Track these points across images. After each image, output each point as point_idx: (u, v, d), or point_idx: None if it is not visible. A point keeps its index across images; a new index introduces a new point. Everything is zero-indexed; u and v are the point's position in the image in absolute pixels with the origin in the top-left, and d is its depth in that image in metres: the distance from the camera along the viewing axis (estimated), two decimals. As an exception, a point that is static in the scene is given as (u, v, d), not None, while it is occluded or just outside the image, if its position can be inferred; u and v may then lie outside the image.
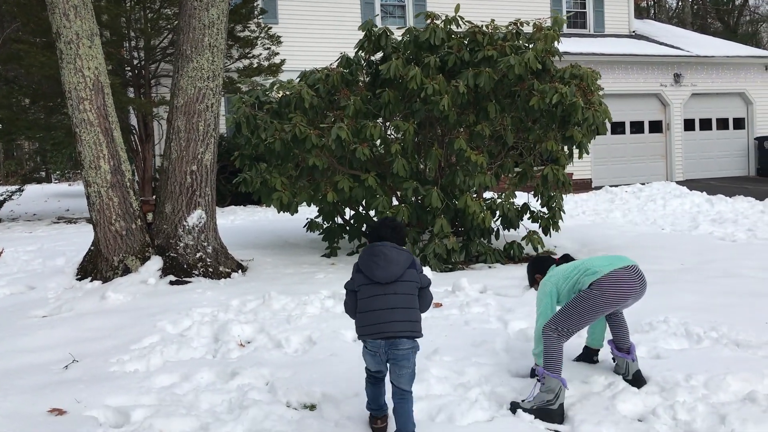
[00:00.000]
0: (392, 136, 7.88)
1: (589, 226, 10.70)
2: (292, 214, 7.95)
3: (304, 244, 9.32)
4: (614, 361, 4.11)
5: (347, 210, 8.67)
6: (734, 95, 20.49)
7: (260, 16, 15.80)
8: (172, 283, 6.67)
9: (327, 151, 7.36)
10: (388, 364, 3.36)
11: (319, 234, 9.25)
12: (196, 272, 6.86)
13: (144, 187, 14.76)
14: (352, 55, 8.15)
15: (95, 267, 6.92)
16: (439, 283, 6.53)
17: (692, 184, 16.47)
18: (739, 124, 20.76)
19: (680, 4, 39.31)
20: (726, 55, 19.98)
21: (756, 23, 43.06)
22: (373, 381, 3.51)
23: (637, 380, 3.93)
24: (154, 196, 7.46)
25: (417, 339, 3.37)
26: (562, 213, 8.09)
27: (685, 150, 19.90)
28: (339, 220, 8.56)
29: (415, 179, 7.64)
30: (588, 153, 8.11)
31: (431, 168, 7.86)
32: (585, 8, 20.82)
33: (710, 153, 20.34)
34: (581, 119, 7.30)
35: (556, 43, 7.62)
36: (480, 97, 7.53)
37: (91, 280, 6.81)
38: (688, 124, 20.09)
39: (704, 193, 14.66)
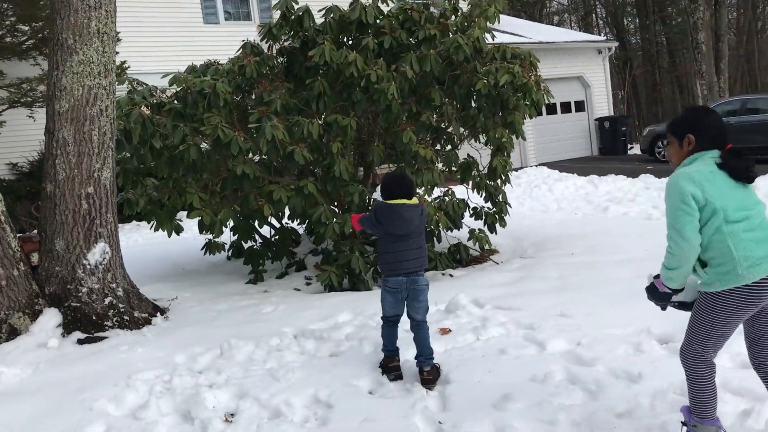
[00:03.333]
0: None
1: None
2: (217, 236, 6.57)
3: (208, 269, 7.89)
4: None
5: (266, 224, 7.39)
6: (573, 79, 21.29)
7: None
8: (81, 342, 5.10)
9: (257, 155, 6.10)
10: (405, 303, 4.00)
11: (230, 257, 7.94)
12: (109, 323, 5.32)
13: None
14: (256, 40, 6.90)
15: (-36, 333, 5.16)
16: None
17: (547, 168, 16.78)
18: (580, 106, 21.64)
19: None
20: (565, 41, 20.70)
21: (559, 14, 46.09)
22: (390, 324, 4.11)
23: None
24: (35, 231, 5.75)
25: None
26: (508, 207, 7.41)
27: (536, 135, 20.34)
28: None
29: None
30: (525, 138, 7.52)
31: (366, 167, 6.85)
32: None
33: (558, 136, 20.99)
34: (534, 100, 6.64)
35: (495, 22, 6.90)
36: (422, 83, 6.62)
37: (-40, 352, 5.05)
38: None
39: (574, 174, 15.01)
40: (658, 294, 2.95)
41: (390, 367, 4.11)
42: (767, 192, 10.00)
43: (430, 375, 3.95)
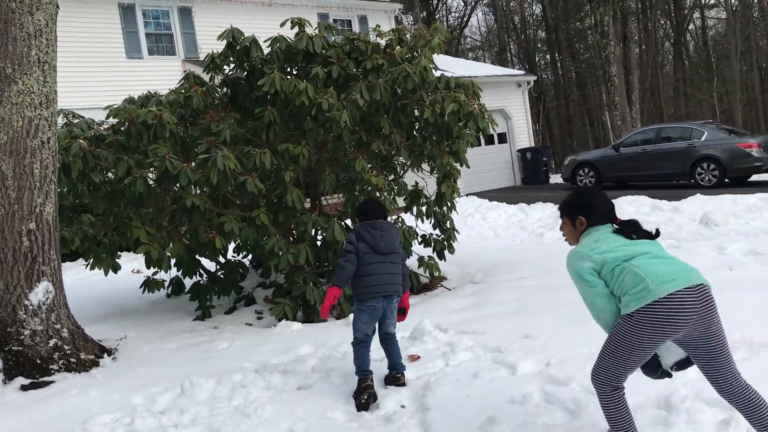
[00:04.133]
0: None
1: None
2: (166, 271, 6.31)
3: (149, 308, 7.57)
4: None
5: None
6: (496, 112, 21.87)
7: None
8: (25, 387, 4.76)
9: (204, 187, 5.93)
10: (377, 323, 4.23)
11: (169, 294, 7.66)
12: (55, 366, 5.00)
13: None
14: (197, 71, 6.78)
15: None
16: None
17: (477, 197, 17.14)
18: (502, 138, 22.24)
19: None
20: (486, 75, 21.33)
21: (474, 50, 47.58)
22: (364, 346, 4.23)
23: None
24: (-32, 271, 5.36)
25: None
26: (456, 233, 7.48)
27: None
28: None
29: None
30: (468, 166, 7.63)
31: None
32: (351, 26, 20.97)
33: (482, 167, 21.47)
34: (480, 127, 6.77)
35: (436, 54, 7.02)
36: (370, 112, 6.63)
37: None
38: (463, 142, 20.97)
39: (503, 203, 15.39)
40: (651, 368, 3.06)
41: (363, 387, 4.11)
42: (691, 215, 10.52)
43: (403, 377, 4.29)
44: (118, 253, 6.88)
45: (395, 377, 4.30)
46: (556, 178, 22.60)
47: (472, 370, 4.36)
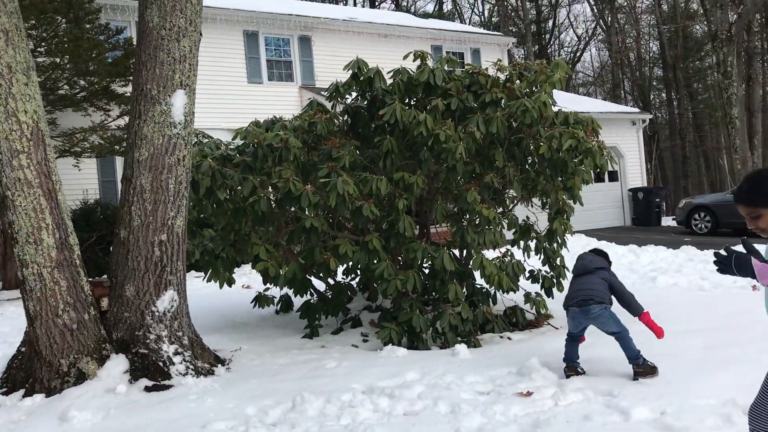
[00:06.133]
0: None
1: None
2: (281, 288, 6.56)
3: (258, 322, 7.84)
4: None
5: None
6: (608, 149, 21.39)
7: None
8: (148, 389, 5.06)
9: (320, 210, 6.15)
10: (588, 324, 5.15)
11: (278, 311, 7.92)
12: (175, 371, 5.28)
13: (5, 265, 12.29)
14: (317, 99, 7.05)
15: (31, 375, 5.16)
16: (483, 365, 5.49)
17: (585, 236, 16.71)
18: (613, 176, 21.68)
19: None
20: (600, 111, 20.92)
21: (586, 86, 46.79)
22: (569, 339, 5.20)
23: None
24: (104, 276, 5.78)
25: (603, 303, 5.02)
26: (566, 271, 7.36)
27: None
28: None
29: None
30: (582, 204, 7.52)
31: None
32: (464, 58, 21.14)
33: (592, 205, 20.96)
34: (597, 164, 6.69)
35: (557, 89, 7.01)
36: (484, 144, 6.68)
37: (26, 395, 5.03)
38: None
39: (612, 243, 14.96)
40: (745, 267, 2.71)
41: (568, 375, 5.02)
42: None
43: (639, 368, 4.86)
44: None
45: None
46: (667, 221, 21.75)
47: (582, 412, 4.27)
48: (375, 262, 6.37)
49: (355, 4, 41.27)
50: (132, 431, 4.37)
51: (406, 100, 6.86)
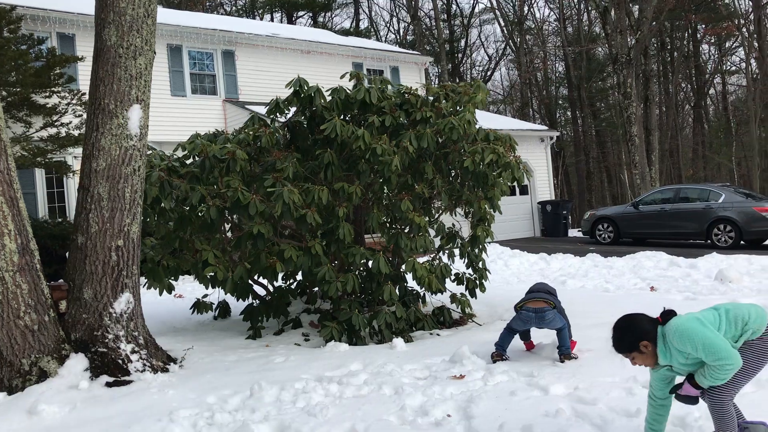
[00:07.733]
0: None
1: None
2: (229, 293, 6.95)
3: (197, 328, 8.17)
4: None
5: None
6: (518, 164, 22.63)
7: (67, 84, 14.07)
8: (110, 384, 5.37)
9: (264, 218, 6.60)
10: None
11: (216, 316, 8.30)
12: (134, 368, 5.62)
13: None
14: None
15: (-9, 375, 5.37)
16: (418, 355, 6.09)
17: (499, 245, 17.72)
18: (524, 190, 22.94)
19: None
20: (511, 129, 22.13)
21: (497, 104, 48.77)
22: (508, 331, 5.88)
23: None
24: (61, 280, 6.02)
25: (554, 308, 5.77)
26: (487, 273, 8.09)
27: (484, 214, 21.34)
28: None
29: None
30: (501, 212, 8.28)
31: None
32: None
33: (504, 217, 22.05)
34: (515, 177, 7.45)
35: (479, 109, 7.76)
36: (416, 158, 7.33)
37: (-14, 393, 5.25)
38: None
39: (525, 251, 15.98)
40: (692, 398, 3.52)
41: (495, 359, 5.74)
42: (707, 272, 11.06)
43: (566, 358, 5.61)
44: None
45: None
46: (573, 232, 23.18)
47: (508, 389, 4.93)
48: (316, 266, 6.88)
49: (272, 19, 41.60)
50: (102, 420, 4.71)
51: (342, 117, 7.43)
